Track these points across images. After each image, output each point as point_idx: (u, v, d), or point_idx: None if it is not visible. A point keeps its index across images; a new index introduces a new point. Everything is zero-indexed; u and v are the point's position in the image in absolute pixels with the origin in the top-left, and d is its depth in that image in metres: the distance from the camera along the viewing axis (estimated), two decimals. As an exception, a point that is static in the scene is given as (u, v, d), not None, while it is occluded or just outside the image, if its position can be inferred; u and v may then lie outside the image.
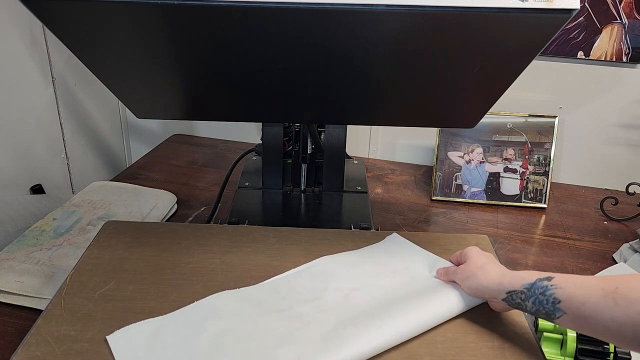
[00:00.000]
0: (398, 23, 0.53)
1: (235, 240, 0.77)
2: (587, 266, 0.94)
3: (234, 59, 0.60)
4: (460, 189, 1.14)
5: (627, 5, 1.06)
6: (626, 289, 0.48)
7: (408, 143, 1.32)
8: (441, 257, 0.73)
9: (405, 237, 0.78)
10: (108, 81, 0.67)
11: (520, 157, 1.13)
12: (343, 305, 0.63)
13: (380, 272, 0.70)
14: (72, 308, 0.63)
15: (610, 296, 0.49)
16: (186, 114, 0.80)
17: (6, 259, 0.84)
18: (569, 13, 0.50)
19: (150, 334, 0.59)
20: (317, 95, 0.71)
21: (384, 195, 1.16)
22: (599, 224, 1.08)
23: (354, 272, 0.70)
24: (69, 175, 1.22)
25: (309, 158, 0.97)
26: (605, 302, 0.49)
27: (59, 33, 0.56)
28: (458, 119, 0.79)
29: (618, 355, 0.63)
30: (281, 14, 0.51)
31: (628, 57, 1.10)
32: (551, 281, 0.54)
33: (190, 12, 0.51)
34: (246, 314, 0.62)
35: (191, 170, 1.26)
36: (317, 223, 0.90)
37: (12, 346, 0.67)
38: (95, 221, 0.96)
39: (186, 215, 1.06)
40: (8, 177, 1.05)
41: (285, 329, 0.59)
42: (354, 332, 0.58)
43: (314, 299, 0.65)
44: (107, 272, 0.69)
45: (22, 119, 1.07)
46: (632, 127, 1.18)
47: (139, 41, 0.58)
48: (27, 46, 1.06)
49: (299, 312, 0.62)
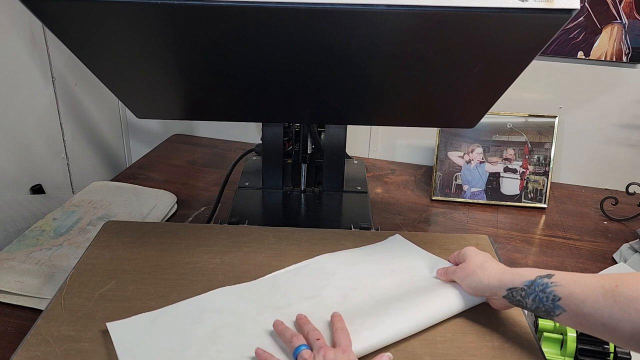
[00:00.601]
0: (398, 23, 0.53)
1: (235, 240, 0.77)
2: (587, 266, 0.94)
3: (234, 59, 0.60)
4: (460, 189, 1.14)
5: (627, 5, 1.06)
6: (626, 287, 0.48)
7: (408, 143, 1.32)
8: (441, 258, 0.73)
9: (405, 237, 0.78)
10: (108, 81, 0.67)
11: (520, 157, 1.13)
12: (341, 304, 0.63)
13: (381, 272, 0.70)
14: (72, 308, 0.63)
15: (610, 294, 0.49)
16: (186, 114, 0.80)
17: (6, 259, 0.84)
18: (569, 13, 0.50)
19: (149, 324, 0.60)
20: (317, 95, 0.71)
21: (384, 195, 1.16)
22: (599, 224, 1.08)
23: (354, 271, 0.70)
24: (69, 175, 1.22)
25: (309, 158, 0.97)
26: (604, 300, 0.49)
27: (59, 33, 0.56)
28: (458, 119, 0.79)
29: (618, 355, 0.63)
30: (281, 14, 0.51)
31: (628, 57, 1.10)
32: (551, 278, 0.55)
33: (190, 12, 0.51)
34: (245, 309, 0.62)
35: (191, 170, 1.26)
36: (317, 223, 0.90)
37: (12, 346, 0.67)
38: (95, 221, 0.96)
39: (186, 215, 1.06)
40: (8, 177, 1.05)
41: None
42: (351, 330, 0.58)
43: (312, 296, 0.65)
44: (107, 272, 0.69)
45: (22, 119, 1.07)
46: (632, 127, 1.18)
47: (139, 41, 0.58)
48: (27, 46, 1.06)
49: (297, 310, 0.62)
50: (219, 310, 0.62)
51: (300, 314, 0.60)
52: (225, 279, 0.69)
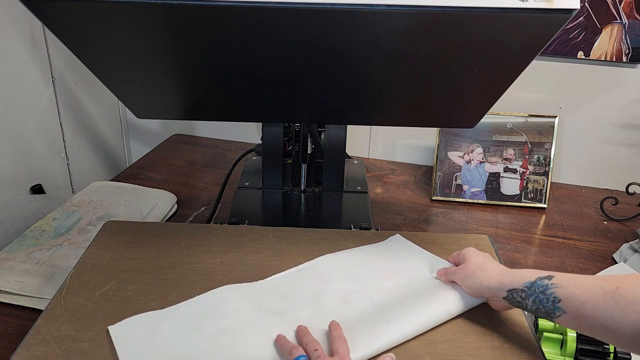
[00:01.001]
0: (398, 23, 0.53)
1: (235, 240, 0.77)
2: (587, 266, 0.94)
3: (234, 59, 0.60)
4: (460, 189, 1.14)
5: (627, 5, 1.06)
6: (626, 289, 0.48)
7: (408, 143, 1.32)
8: (441, 258, 0.73)
9: (405, 237, 0.78)
10: (108, 81, 0.67)
11: (520, 157, 1.13)
12: (341, 310, 0.63)
13: (381, 273, 0.70)
14: (72, 308, 0.63)
15: (610, 296, 0.49)
16: (186, 114, 0.80)
17: (6, 259, 0.84)
18: (569, 13, 0.50)
19: (150, 327, 0.60)
20: (317, 95, 0.71)
21: (384, 195, 1.16)
22: (599, 224, 1.08)
23: (354, 272, 0.70)
24: (69, 175, 1.22)
25: (309, 158, 0.97)
26: (605, 302, 0.49)
27: (59, 33, 0.56)
28: (458, 119, 0.79)
29: (618, 355, 0.63)
30: (281, 14, 0.51)
31: (628, 57, 1.10)
32: (551, 280, 0.55)
33: (190, 12, 0.51)
34: (245, 315, 0.62)
35: (191, 170, 1.26)
36: (317, 223, 0.90)
37: (12, 346, 0.66)
38: (95, 221, 0.96)
39: (186, 215, 1.06)
40: (8, 177, 1.05)
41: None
42: (351, 338, 0.58)
43: (312, 302, 0.65)
44: (107, 272, 0.69)
45: (22, 119, 1.07)
46: (632, 127, 1.18)
47: (139, 41, 0.58)
48: (27, 46, 1.06)
49: (296, 317, 0.62)
50: (220, 313, 0.62)
51: (300, 325, 0.60)
52: (225, 279, 0.69)
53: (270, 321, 0.61)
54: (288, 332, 0.59)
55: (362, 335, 0.58)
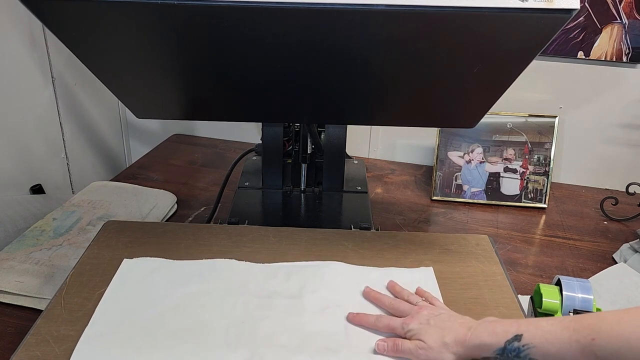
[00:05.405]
0: (398, 23, 0.52)
1: (235, 240, 0.77)
2: (587, 266, 0.94)
3: (234, 58, 0.60)
4: (460, 189, 1.14)
5: (627, 5, 1.06)
6: (604, 340, 0.47)
7: (408, 143, 1.32)
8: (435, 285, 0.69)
9: (405, 237, 0.78)
10: (108, 81, 0.67)
11: (520, 157, 1.13)
12: (315, 315, 0.62)
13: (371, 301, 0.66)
14: (72, 308, 0.63)
15: (588, 350, 0.47)
16: (186, 114, 0.80)
17: (6, 259, 0.84)
18: (569, 13, 0.50)
19: (152, 271, 0.68)
20: (317, 95, 0.71)
21: (384, 195, 1.16)
22: (599, 224, 1.08)
23: (352, 291, 0.67)
24: (69, 175, 1.22)
25: (309, 158, 0.97)
26: (585, 358, 0.47)
27: (59, 33, 0.56)
28: (458, 119, 0.79)
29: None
30: (281, 14, 0.51)
31: (628, 57, 1.10)
32: (521, 341, 0.52)
33: (190, 12, 0.51)
34: (227, 285, 0.67)
35: (191, 170, 1.26)
36: (317, 223, 0.89)
37: (12, 346, 0.66)
38: (95, 221, 0.96)
39: (186, 215, 1.06)
40: (8, 177, 1.05)
41: (239, 317, 0.62)
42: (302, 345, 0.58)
43: (293, 296, 0.65)
44: (107, 272, 0.69)
45: (22, 119, 1.07)
46: (632, 127, 1.18)
47: (139, 41, 0.58)
48: (27, 46, 1.06)
49: (271, 304, 0.64)
50: (207, 279, 0.67)
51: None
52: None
53: (240, 299, 0.64)
54: (249, 313, 0.62)
55: (313, 351, 0.58)
